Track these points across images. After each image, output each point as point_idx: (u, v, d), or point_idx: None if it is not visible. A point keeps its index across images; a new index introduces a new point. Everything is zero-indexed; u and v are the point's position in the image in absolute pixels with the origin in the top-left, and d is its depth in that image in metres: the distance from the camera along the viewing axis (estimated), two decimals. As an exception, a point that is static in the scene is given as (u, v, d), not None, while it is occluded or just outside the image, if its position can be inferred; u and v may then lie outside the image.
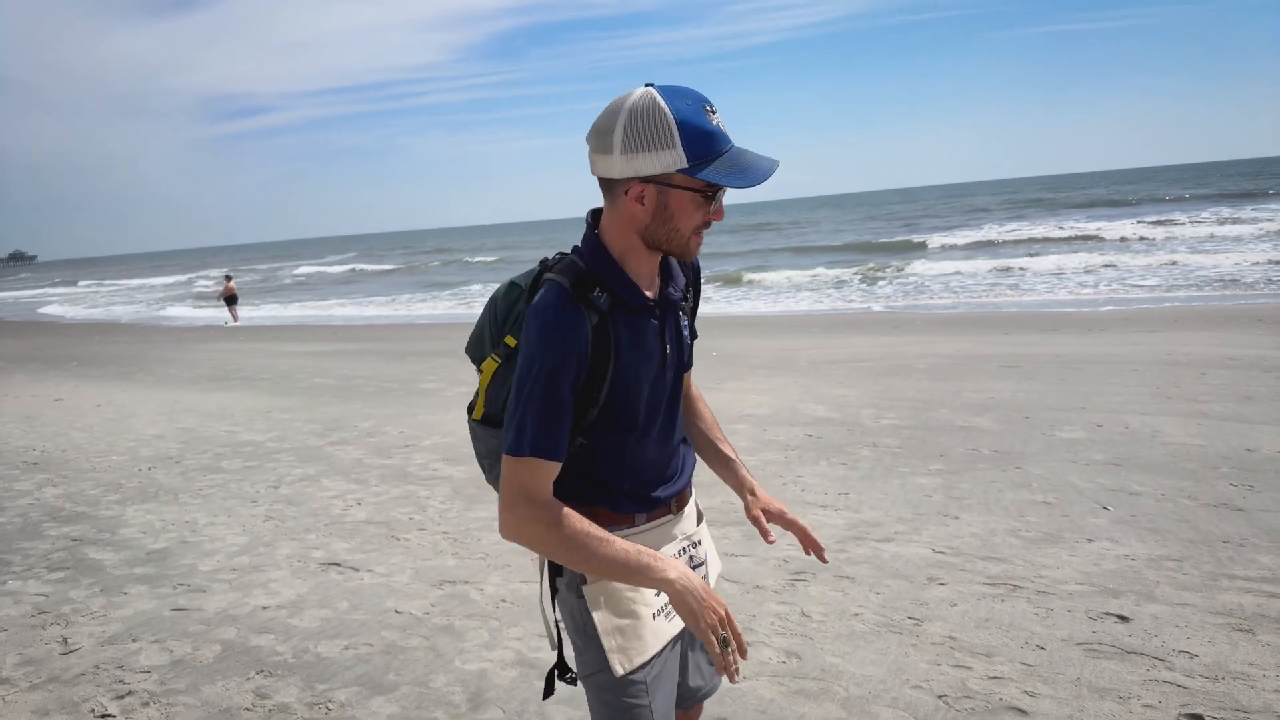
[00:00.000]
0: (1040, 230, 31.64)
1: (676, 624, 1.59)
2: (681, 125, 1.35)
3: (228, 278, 26.23)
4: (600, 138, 1.40)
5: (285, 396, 9.76)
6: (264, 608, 3.84)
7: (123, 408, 9.43)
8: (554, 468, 1.42)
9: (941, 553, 4.05)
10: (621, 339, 1.46)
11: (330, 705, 2.97)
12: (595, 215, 1.52)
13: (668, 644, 1.58)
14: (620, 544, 1.40)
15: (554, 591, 1.59)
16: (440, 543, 4.60)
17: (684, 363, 1.62)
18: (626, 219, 1.44)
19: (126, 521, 5.23)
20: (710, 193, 1.40)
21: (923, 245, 31.51)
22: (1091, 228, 30.45)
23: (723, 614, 1.38)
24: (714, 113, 1.39)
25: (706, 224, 1.44)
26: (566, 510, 1.41)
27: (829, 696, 2.86)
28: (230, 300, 24.67)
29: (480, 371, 1.57)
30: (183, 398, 10.04)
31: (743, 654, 1.39)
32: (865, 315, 15.62)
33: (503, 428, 1.47)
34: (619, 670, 1.51)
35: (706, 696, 1.80)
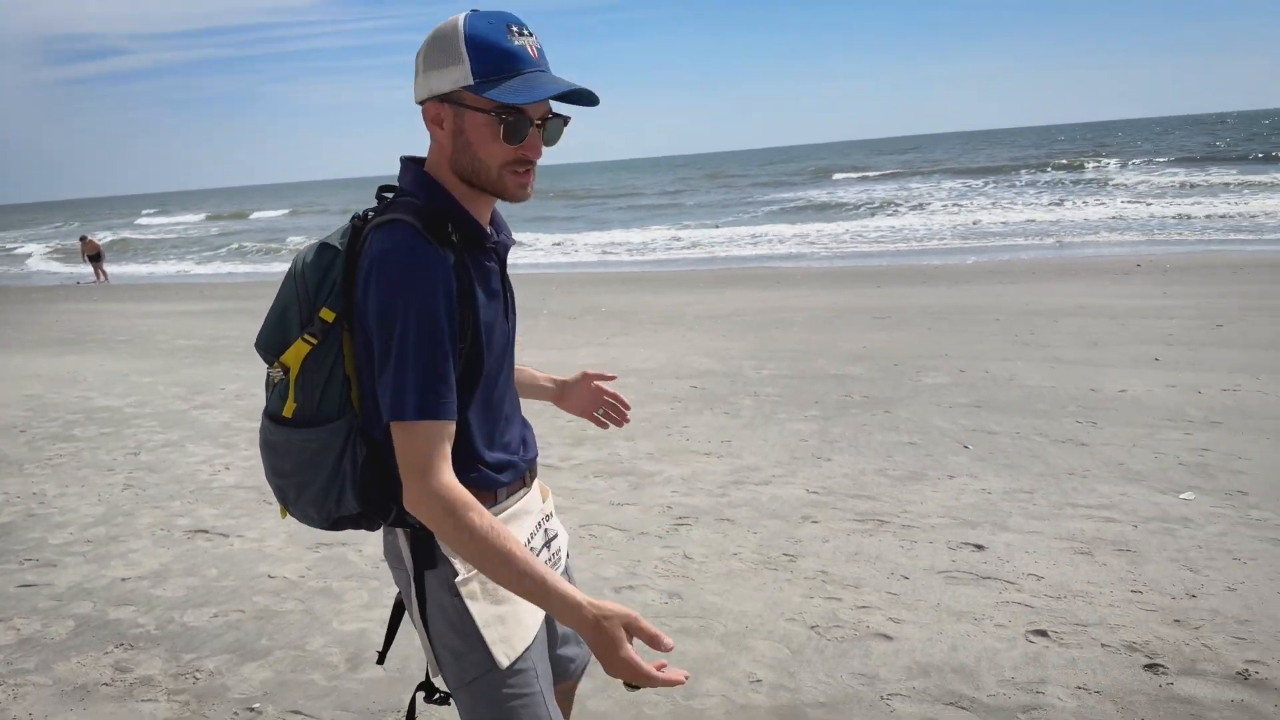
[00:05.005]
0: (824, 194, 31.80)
1: None
2: (471, 39, 1.27)
3: (83, 239, 24.40)
4: (415, 61, 1.34)
5: (145, 359, 9.17)
6: (123, 579, 3.63)
7: (-43, 375, 8.65)
8: (450, 430, 1.28)
9: (815, 493, 4.22)
10: (477, 281, 1.35)
11: (198, 675, 2.85)
12: (414, 160, 1.41)
13: (541, 624, 1.49)
14: (525, 551, 1.26)
15: (422, 601, 1.41)
16: (317, 504, 4.44)
17: (516, 316, 1.52)
18: (437, 149, 1.35)
19: (-37, 496, 4.81)
20: (506, 118, 1.28)
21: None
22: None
23: (638, 669, 1.21)
24: (521, 34, 1.30)
25: (522, 161, 1.32)
26: (475, 500, 1.27)
27: (709, 633, 2.95)
28: (95, 258, 22.97)
29: (277, 366, 1.34)
30: (29, 362, 9.28)
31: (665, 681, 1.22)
32: (751, 270, 15.92)
33: (320, 425, 1.33)
34: (504, 662, 1.38)
35: (580, 667, 1.71)
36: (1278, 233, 16.06)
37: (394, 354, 1.26)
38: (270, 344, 1.35)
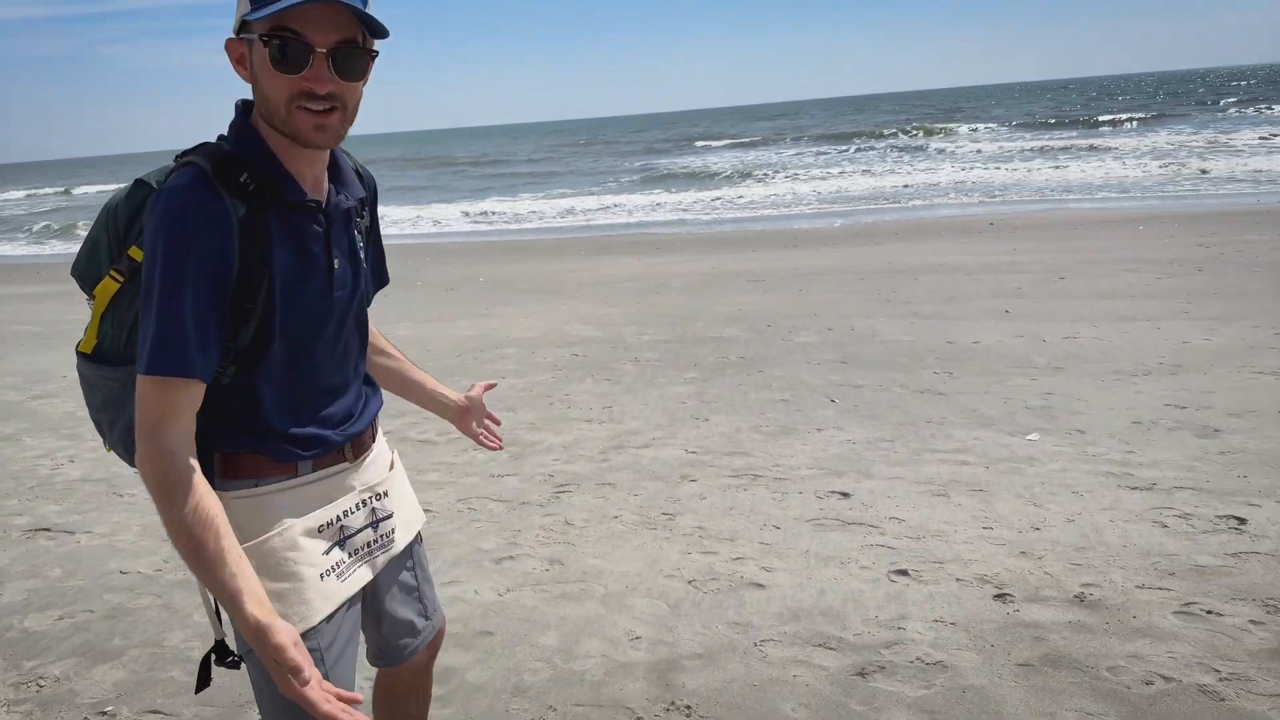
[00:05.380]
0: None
1: (353, 583, 1.43)
2: None
3: None
4: None
5: (-28, 349, 8.36)
6: (-48, 587, 3.32)
7: None
8: (193, 390, 1.20)
9: (693, 452, 4.30)
10: (276, 238, 1.27)
11: (42, 682, 2.65)
12: (246, 104, 1.32)
13: (342, 605, 1.41)
14: (235, 553, 1.17)
15: None
16: (174, 493, 4.19)
17: (359, 284, 1.42)
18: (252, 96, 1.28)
19: None
20: (272, 40, 1.19)
21: None
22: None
23: (301, 695, 1.12)
24: None
25: (308, 94, 1.21)
26: (196, 478, 1.18)
27: (589, 596, 2.97)
28: None
29: (93, 299, 1.32)
30: None
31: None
32: (629, 237, 15.95)
33: (126, 365, 1.29)
34: None
35: (415, 651, 1.64)
36: (1104, 191, 17.42)
37: (147, 302, 1.20)
38: (86, 276, 1.34)
